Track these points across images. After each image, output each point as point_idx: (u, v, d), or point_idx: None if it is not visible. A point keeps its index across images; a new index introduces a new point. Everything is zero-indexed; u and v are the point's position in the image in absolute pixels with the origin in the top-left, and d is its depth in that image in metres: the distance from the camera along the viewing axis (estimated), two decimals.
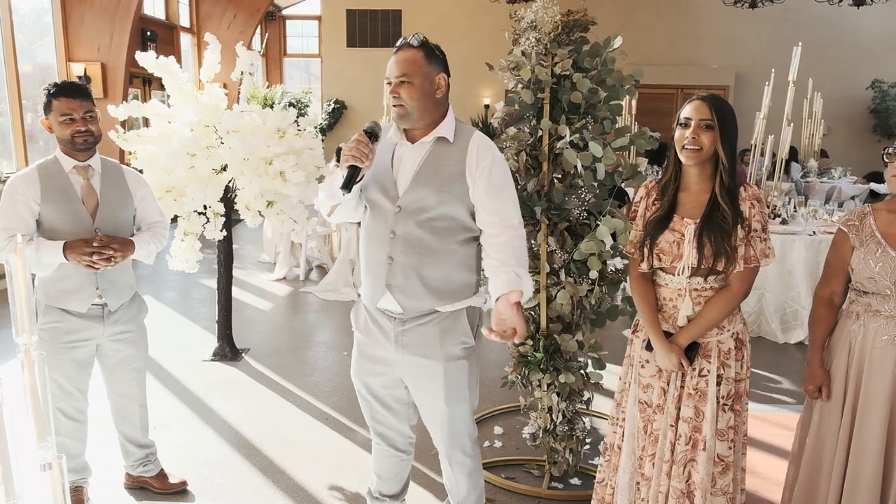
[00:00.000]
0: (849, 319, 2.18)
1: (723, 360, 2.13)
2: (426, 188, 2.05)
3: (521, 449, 3.34)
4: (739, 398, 2.15)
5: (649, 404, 2.22)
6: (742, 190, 2.08)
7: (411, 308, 2.11)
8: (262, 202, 4.08)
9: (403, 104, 2.02)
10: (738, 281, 2.08)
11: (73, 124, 2.49)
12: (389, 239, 2.08)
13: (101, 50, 8.47)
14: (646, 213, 2.24)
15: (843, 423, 2.13)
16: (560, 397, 2.82)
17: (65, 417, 2.66)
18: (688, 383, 2.14)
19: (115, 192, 2.66)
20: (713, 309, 2.10)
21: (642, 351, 2.24)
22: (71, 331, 2.59)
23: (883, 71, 13.96)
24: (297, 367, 4.50)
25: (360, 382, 2.30)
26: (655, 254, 2.15)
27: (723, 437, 2.12)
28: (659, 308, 2.21)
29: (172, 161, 3.79)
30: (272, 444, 3.41)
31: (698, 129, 2.04)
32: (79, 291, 2.58)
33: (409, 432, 2.39)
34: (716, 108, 2.04)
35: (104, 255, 2.48)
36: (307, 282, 6.85)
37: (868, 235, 2.11)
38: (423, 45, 2.04)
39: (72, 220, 2.53)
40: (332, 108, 14.94)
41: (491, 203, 2.04)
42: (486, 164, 2.05)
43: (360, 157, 1.96)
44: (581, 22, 2.79)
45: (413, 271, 2.07)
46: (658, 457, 2.19)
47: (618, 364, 4.47)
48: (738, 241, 2.05)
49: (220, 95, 4.08)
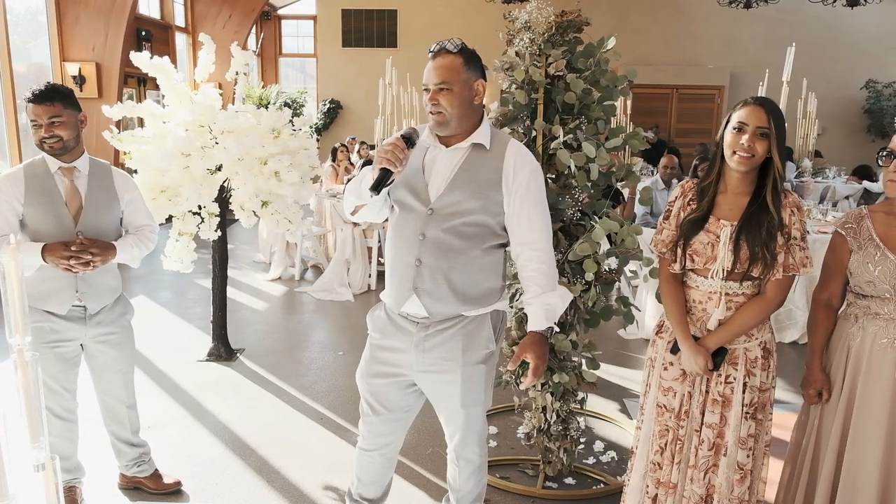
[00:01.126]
0: (847, 322, 2.17)
1: (749, 368, 2.10)
2: (462, 193, 2.04)
3: (515, 449, 3.35)
4: (763, 407, 2.12)
5: (668, 408, 2.19)
6: (782, 196, 2.04)
7: (437, 312, 2.09)
8: (256, 202, 4.08)
9: (443, 111, 2.00)
10: (774, 289, 2.05)
11: (38, 130, 2.49)
12: (419, 241, 2.06)
13: (95, 50, 8.44)
14: (680, 213, 2.18)
15: (836, 425, 2.13)
16: (554, 397, 2.83)
17: (53, 417, 2.65)
18: (713, 389, 2.12)
19: (101, 194, 2.63)
20: (746, 315, 2.06)
21: (666, 353, 2.20)
22: (52, 331, 2.58)
23: (877, 71, 14.01)
24: (292, 367, 4.50)
25: (366, 386, 2.26)
26: (689, 255, 2.11)
27: (743, 446, 2.10)
28: (688, 310, 2.17)
29: (167, 161, 3.79)
30: (267, 444, 3.41)
31: (754, 137, 1.98)
32: (58, 294, 2.56)
33: (401, 440, 2.38)
34: (773, 115, 1.99)
35: (82, 260, 2.46)
36: (302, 282, 6.85)
37: (866, 239, 2.09)
38: (461, 50, 2.01)
39: (54, 221, 2.52)
40: (327, 107, 14.93)
41: (525, 218, 2.05)
42: (523, 175, 2.05)
43: (394, 162, 1.94)
44: (575, 23, 2.79)
45: (441, 275, 2.05)
46: (683, 462, 2.16)
47: (611, 364, 4.53)
48: (777, 249, 2.01)
49: (215, 95, 4.07)
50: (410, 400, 2.27)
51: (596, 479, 3.08)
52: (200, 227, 4.04)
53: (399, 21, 14.72)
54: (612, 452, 3.31)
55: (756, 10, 10.90)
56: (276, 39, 15.59)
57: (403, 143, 1.98)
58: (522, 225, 2.07)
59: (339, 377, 4.30)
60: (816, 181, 9.55)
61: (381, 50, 13.95)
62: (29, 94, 2.48)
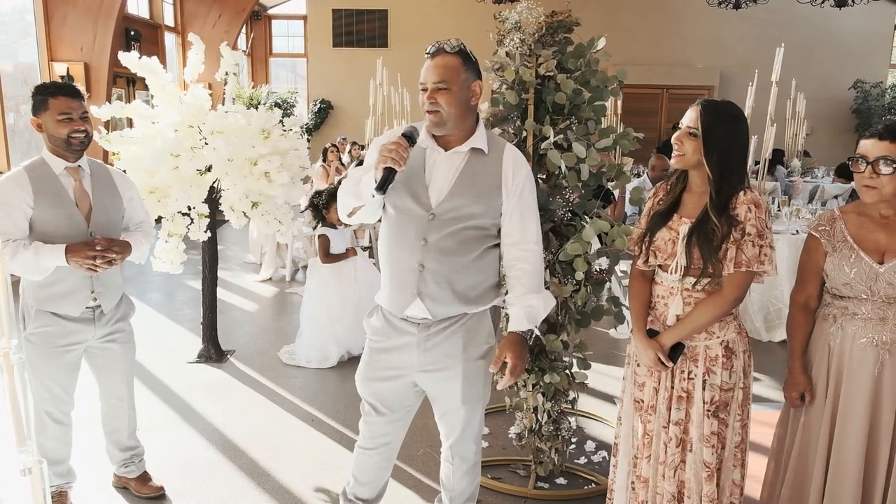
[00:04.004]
0: (826, 322, 2.18)
1: (708, 365, 2.11)
2: (464, 198, 2.05)
3: (507, 449, 3.35)
4: (725, 406, 2.12)
5: (643, 402, 2.22)
6: (741, 194, 2.04)
7: (440, 313, 2.11)
8: (246, 203, 4.06)
9: (440, 111, 2.00)
10: (730, 286, 2.05)
11: (70, 124, 2.47)
12: (421, 246, 2.06)
13: (84, 49, 8.40)
14: (650, 211, 2.24)
15: (824, 424, 2.14)
16: (545, 397, 2.83)
17: (52, 421, 2.64)
18: (676, 385, 2.14)
19: (106, 193, 2.64)
20: (701, 311, 2.08)
21: None
22: (62, 334, 2.57)
23: (865, 71, 14.13)
24: (282, 368, 4.48)
25: (368, 389, 2.26)
26: (652, 251, 2.15)
27: (707, 443, 2.11)
28: (652, 306, 2.21)
29: (156, 162, 3.76)
30: (257, 446, 3.40)
31: (683, 135, 2.06)
32: (73, 295, 2.55)
33: (401, 440, 2.37)
34: (704, 118, 2.01)
35: (107, 258, 2.47)
36: (293, 283, 6.82)
37: (840, 241, 2.10)
38: (460, 51, 2.02)
39: (67, 223, 2.50)
40: (318, 107, 14.90)
41: (517, 220, 2.10)
42: (520, 179, 2.09)
43: (398, 161, 1.94)
44: (565, 23, 2.79)
45: (444, 279, 2.07)
46: (653, 458, 2.19)
47: (603, 363, 4.53)
48: (729, 245, 2.02)
49: (204, 96, 4.05)
50: (412, 399, 2.28)
51: (587, 479, 3.08)
52: (190, 228, 4.02)
53: (390, 21, 14.71)
54: (604, 452, 3.32)
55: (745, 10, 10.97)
56: (266, 39, 15.55)
57: (406, 142, 1.99)
58: (515, 226, 2.10)
59: (330, 378, 4.29)
60: (805, 181, 9.61)
61: (372, 50, 13.95)
62: (58, 89, 2.48)
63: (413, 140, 2.02)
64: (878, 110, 13.98)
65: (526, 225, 2.10)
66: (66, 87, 2.51)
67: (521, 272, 2.11)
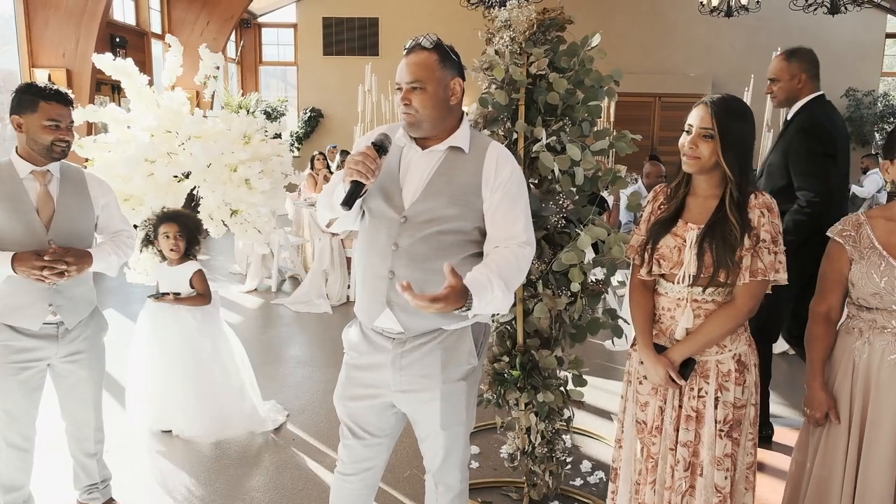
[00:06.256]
0: (850, 336, 2.02)
1: (721, 381, 1.97)
2: (437, 199, 1.89)
3: (498, 470, 3.17)
4: (738, 425, 1.97)
5: (646, 424, 2.06)
6: (752, 197, 1.93)
7: (413, 327, 1.93)
8: (225, 211, 3.89)
9: (415, 113, 1.86)
10: (743, 296, 1.92)
11: (57, 132, 2.36)
12: (391, 251, 1.91)
13: (66, 55, 8.21)
14: (650, 217, 2.10)
15: (851, 447, 1.98)
16: (539, 417, 2.66)
17: (7, 447, 2.44)
18: (685, 404, 1.99)
19: (74, 199, 2.47)
20: (713, 324, 1.94)
21: (640, 366, 2.09)
22: (20, 350, 2.38)
23: (856, 79, 14.11)
24: (265, 383, 4.27)
25: (344, 409, 2.10)
26: (656, 259, 2.00)
27: (719, 466, 1.96)
28: (657, 319, 2.06)
29: (129, 168, 3.59)
30: (233, 467, 3.21)
31: (697, 138, 1.92)
32: (29, 308, 2.37)
33: (383, 465, 2.20)
34: (717, 117, 1.89)
35: (56, 270, 2.29)
36: (279, 293, 6.64)
37: (867, 247, 1.95)
38: (436, 46, 1.89)
39: (24, 229, 2.33)
40: (308, 116, 14.77)
41: (501, 218, 1.89)
42: (504, 176, 1.91)
43: (365, 174, 1.78)
44: (557, 21, 2.66)
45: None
46: (659, 483, 2.03)
47: (599, 377, 4.37)
48: (743, 252, 1.89)
49: (182, 99, 3.89)
50: (392, 422, 2.11)
51: (583, 502, 2.91)
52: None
53: (381, 29, 14.60)
54: (601, 473, 3.15)
55: (737, 18, 10.88)
56: (256, 48, 15.40)
57: (375, 153, 1.82)
58: (498, 224, 1.89)
59: (313, 394, 4.10)
60: None
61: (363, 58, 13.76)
62: (51, 93, 2.35)
63: (384, 149, 1.86)
64: (870, 118, 13.97)
65: (512, 224, 1.88)
66: (60, 93, 2.38)
67: (496, 253, 1.83)
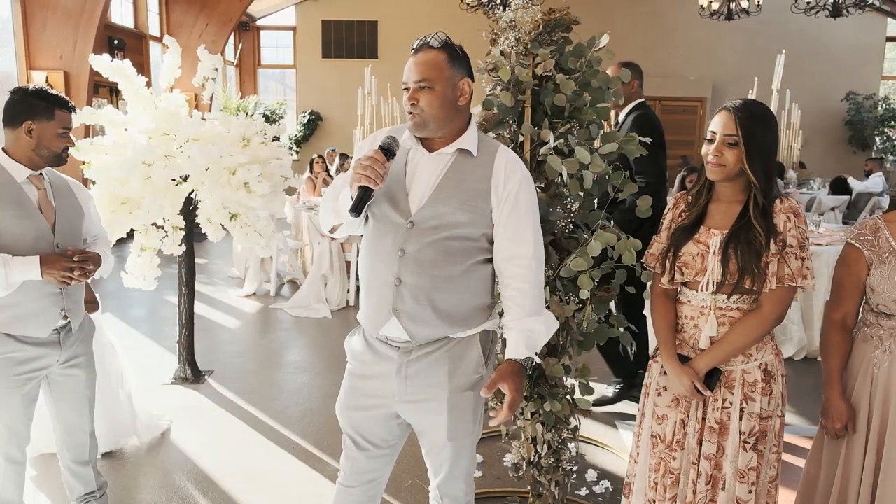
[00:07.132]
0: (868, 344, 1.96)
1: (747, 392, 1.91)
2: (446, 204, 1.82)
3: (502, 479, 3.11)
4: (764, 437, 1.91)
5: (662, 438, 2.00)
6: (777, 202, 1.87)
7: (420, 336, 1.87)
8: (224, 215, 3.82)
9: (421, 112, 1.80)
10: (770, 303, 1.86)
11: (67, 140, 2.33)
12: (398, 258, 1.83)
13: (63, 58, 8.15)
14: (671, 224, 2.05)
15: (868, 460, 1.92)
16: (545, 427, 2.59)
17: (6, 462, 2.35)
18: (710, 416, 1.93)
19: (68, 203, 2.43)
20: (739, 332, 1.88)
21: (660, 377, 2.02)
22: (24, 361, 2.30)
23: (857, 83, 14.10)
24: (263, 389, 4.23)
25: (347, 420, 2.03)
26: (678, 267, 1.95)
27: (743, 479, 1.89)
28: (679, 328, 2.00)
29: (126, 171, 3.52)
30: (231, 475, 3.14)
31: (722, 146, 1.86)
32: (42, 314, 2.30)
33: (387, 476, 2.13)
34: (742, 123, 1.84)
35: (84, 270, 2.28)
36: (278, 298, 6.58)
37: (887, 251, 1.89)
38: (445, 45, 1.83)
39: (34, 234, 2.27)
40: (307, 119, 14.71)
41: (511, 231, 1.84)
42: (513, 184, 1.84)
43: (373, 179, 1.72)
44: (563, 21, 2.59)
45: (424, 295, 1.82)
46: (680, 499, 1.96)
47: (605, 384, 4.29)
48: (769, 258, 1.84)
49: (180, 101, 3.83)
50: (397, 433, 2.04)
51: None
52: (164, 242, 3.78)
53: (380, 32, 14.55)
54: (607, 482, 3.09)
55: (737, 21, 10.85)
56: (255, 50, 15.35)
57: (383, 157, 1.76)
58: (509, 238, 1.85)
59: (313, 401, 4.04)
60: (801, 192, 9.48)
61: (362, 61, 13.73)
62: (64, 101, 2.32)
63: (392, 153, 1.80)
64: (871, 122, 13.95)
65: (521, 237, 1.85)
66: (69, 101, 2.36)
67: (518, 292, 1.84)
